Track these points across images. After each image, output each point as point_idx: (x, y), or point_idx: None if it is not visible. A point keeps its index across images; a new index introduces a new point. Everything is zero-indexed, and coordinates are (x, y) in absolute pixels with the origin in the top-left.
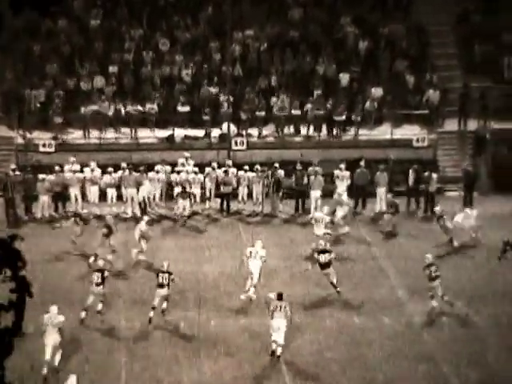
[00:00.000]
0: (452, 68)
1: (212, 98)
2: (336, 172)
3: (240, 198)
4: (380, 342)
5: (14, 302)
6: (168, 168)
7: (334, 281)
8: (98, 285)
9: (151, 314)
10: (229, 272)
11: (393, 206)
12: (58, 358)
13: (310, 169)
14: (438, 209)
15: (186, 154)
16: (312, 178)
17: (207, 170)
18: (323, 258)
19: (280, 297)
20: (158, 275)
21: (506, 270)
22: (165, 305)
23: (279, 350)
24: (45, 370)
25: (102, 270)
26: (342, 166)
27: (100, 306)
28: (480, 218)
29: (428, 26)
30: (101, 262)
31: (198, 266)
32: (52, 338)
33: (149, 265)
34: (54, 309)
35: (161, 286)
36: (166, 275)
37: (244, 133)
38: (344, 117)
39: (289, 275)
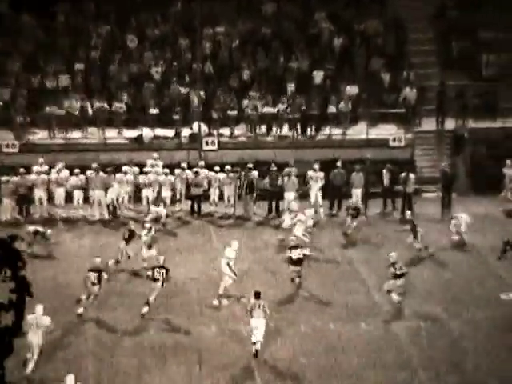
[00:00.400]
0: (429, 65)
1: (182, 96)
2: (309, 173)
3: (212, 199)
4: (357, 349)
5: (14, 302)
6: (136, 169)
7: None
8: (93, 284)
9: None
10: (200, 276)
11: (355, 209)
12: (31, 365)
13: (286, 169)
14: (408, 213)
15: (155, 154)
16: (286, 179)
17: (177, 171)
18: (295, 253)
19: (258, 295)
20: (153, 270)
21: (484, 273)
22: (146, 309)
23: (258, 346)
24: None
25: (99, 270)
26: (316, 166)
27: (81, 310)
28: (470, 225)
29: (404, 23)
30: (98, 260)
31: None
32: (36, 338)
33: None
34: (39, 309)
35: (155, 280)
36: (164, 270)
37: (215, 132)
38: (317, 112)
39: (262, 279)
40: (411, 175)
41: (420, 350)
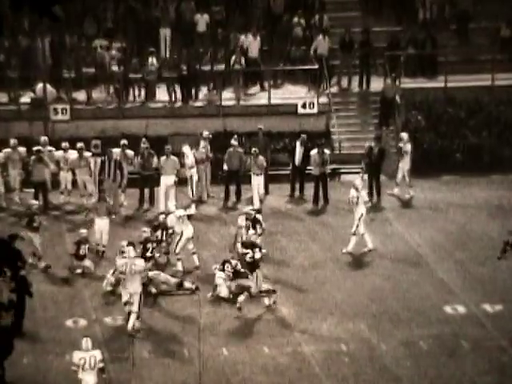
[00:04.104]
0: (348, 6)
1: (22, 47)
2: (187, 159)
3: (62, 187)
4: (257, 380)
5: (14, 302)
6: None
7: None
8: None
9: None
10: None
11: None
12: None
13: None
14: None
15: None
16: (163, 159)
17: (6, 150)
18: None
19: (131, 245)
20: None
21: (423, 279)
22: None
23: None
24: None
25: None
26: (186, 149)
27: None
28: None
29: None
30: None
31: None
32: (133, 287)
33: None
34: (130, 250)
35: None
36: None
37: (67, 97)
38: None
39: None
40: (327, 151)
41: (340, 380)
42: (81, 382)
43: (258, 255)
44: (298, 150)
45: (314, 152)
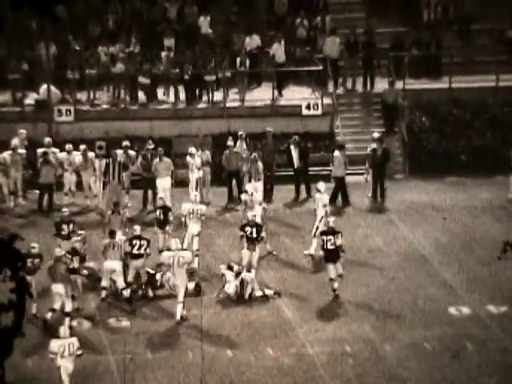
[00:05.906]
0: (352, 8)
1: (26, 49)
2: (188, 159)
3: (66, 188)
4: (262, 381)
5: (14, 302)
6: None
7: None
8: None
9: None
10: None
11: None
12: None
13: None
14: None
15: None
16: (156, 161)
17: (6, 153)
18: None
19: (112, 234)
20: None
21: (428, 280)
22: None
23: (126, 293)
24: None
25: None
26: (193, 149)
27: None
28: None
29: None
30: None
31: None
32: (180, 279)
33: None
34: (177, 243)
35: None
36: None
37: (71, 98)
38: (214, 77)
39: None
40: (342, 152)
41: (345, 381)
42: (59, 369)
43: (339, 241)
44: (294, 152)
45: (337, 153)
